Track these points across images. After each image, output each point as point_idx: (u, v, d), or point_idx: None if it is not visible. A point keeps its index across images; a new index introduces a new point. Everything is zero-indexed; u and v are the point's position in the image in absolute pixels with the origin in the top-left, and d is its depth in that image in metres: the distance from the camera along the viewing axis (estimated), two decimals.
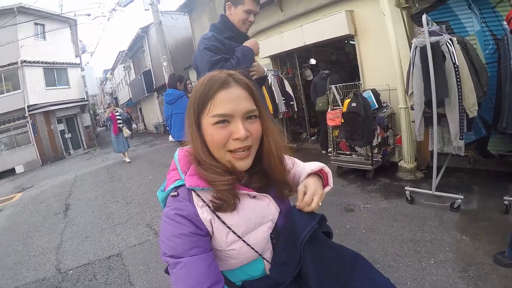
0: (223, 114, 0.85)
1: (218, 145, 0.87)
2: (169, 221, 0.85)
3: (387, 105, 4.82)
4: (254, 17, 2.30)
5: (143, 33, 19.40)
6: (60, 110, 18.12)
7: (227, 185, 0.86)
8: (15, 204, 8.56)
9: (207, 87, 0.88)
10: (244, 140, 0.86)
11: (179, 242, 0.82)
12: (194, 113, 0.90)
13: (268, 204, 0.97)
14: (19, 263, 4.40)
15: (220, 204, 0.86)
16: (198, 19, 11.44)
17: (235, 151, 0.87)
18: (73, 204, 6.95)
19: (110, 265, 3.71)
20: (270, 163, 0.97)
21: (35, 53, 16.83)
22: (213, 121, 0.86)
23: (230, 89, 0.88)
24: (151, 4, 10.76)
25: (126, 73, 27.15)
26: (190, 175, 0.90)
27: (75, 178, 10.17)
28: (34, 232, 5.61)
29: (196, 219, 0.85)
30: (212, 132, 0.87)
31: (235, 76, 0.92)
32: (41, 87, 17.30)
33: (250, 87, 0.93)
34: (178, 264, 0.81)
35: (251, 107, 0.89)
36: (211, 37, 2.17)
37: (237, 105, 0.86)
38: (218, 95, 0.87)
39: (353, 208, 3.86)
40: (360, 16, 5.26)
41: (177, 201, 0.88)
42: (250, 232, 0.92)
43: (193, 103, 0.90)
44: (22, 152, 16.73)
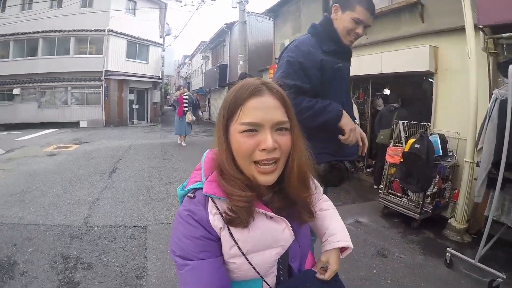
0: (252, 123, 0.83)
1: (244, 154, 0.85)
2: (181, 221, 0.86)
3: (452, 154, 4.56)
4: (364, 30, 1.90)
5: (227, 28, 20.45)
6: (134, 81, 20.05)
7: (244, 202, 0.84)
8: (69, 153, 9.34)
9: (238, 93, 0.87)
10: (271, 152, 0.83)
11: (189, 244, 0.83)
12: (223, 118, 0.89)
13: (283, 228, 0.93)
14: (53, 205, 4.72)
15: (233, 217, 0.84)
16: (282, 26, 11.80)
17: (261, 163, 0.85)
18: (120, 168, 7.34)
19: (133, 234, 3.78)
20: (290, 181, 0.92)
21: (123, 25, 19.04)
22: (241, 129, 0.84)
23: (261, 97, 0.86)
24: (239, 3, 11.39)
25: (203, 63, 28.72)
26: (210, 181, 0.89)
27: (130, 146, 10.79)
28: (76, 183, 6.00)
29: (207, 225, 0.85)
30: (239, 140, 0.85)
31: (269, 85, 0.90)
32: (121, 57, 19.39)
33: (283, 97, 0.90)
34: (185, 266, 0.82)
35: (282, 118, 0.87)
36: (305, 49, 1.81)
37: (267, 114, 0.84)
38: (249, 102, 0.85)
39: (386, 254, 3.54)
40: (444, 54, 5.06)
41: (192, 203, 0.87)
42: (256, 252, 0.89)
43: (224, 108, 0.90)
44: (90, 110, 18.84)
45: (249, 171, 0.86)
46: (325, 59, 1.81)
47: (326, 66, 1.81)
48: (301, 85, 1.73)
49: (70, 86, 18.59)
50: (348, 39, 1.89)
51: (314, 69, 1.78)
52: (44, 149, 9.90)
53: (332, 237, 1.10)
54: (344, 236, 1.11)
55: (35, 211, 4.46)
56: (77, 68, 18.13)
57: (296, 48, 1.81)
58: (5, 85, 17.92)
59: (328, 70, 1.81)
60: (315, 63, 1.78)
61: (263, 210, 0.89)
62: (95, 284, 2.73)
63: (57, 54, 18.39)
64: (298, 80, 1.72)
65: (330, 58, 1.84)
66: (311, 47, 1.82)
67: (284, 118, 0.87)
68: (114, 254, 3.25)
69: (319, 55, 1.81)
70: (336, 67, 1.85)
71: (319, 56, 1.80)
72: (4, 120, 17.53)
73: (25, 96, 18.32)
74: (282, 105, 0.88)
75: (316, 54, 1.80)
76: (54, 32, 17.93)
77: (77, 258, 3.17)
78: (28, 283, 2.71)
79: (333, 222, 1.16)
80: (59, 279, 2.79)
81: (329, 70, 1.82)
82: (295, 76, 1.73)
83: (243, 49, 11.43)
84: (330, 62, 1.83)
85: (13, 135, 13.65)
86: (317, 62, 1.78)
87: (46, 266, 3.00)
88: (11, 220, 4.10)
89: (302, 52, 1.78)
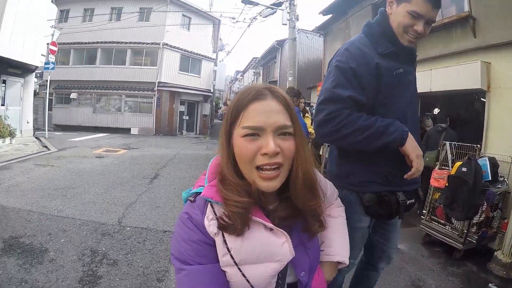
0: (254, 127, 0.84)
1: (245, 158, 0.86)
2: (181, 224, 0.88)
3: (504, 180, 4.28)
4: (426, 27, 1.54)
5: (278, 45, 21.25)
6: (185, 93, 21.41)
7: (239, 207, 0.84)
8: (116, 157, 9.94)
9: (241, 97, 0.89)
10: (273, 156, 0.84)
11: (187, 247, 0.84)
12: (226, 123, 0.91)
13: (282, 243, 0.90)
14: (92, 202, 5.05)
15: (227, 224, 0.84)
16: (332, 43, 11.97)
17: (263, 168, 0.85)
18: (162, 175, 7.64)
19: (162, 238, 3.89)
20: (295, 188, 0.91)
21: (177, 39, 20.75)
22: (243, 133, 0.85)
23: (264, 101, 0.87)
24: (289, 20, 11.66)
25: (254, 78, 29.62)
26: (211, 186, 0.91)
27: (176, 155, 11.22)
28: (118, 185, 6.35)
29: (203, 229, 0.86)
30: (240, 145, 0.86)
31: (272, 89, 0.91)
32: (174, 70, 20.91)
33: (287, 101, 0.91)
34: (182, 271, 0.83)
35: (285, 123, 0.87)
36: (356, 52, 1.54)
37: (269, 118, 0.85)
38: (251, 106, 0.87)
39: (422, 285, 3.29)
40: (497, 71, 4.87)
41: (191, 207, 0.89)
42: (249, 264, 0.88)
43: (227, 113, 0.92)
44: (141, 118, 20.34)
45: (251, 177, 0.87)
46: (382, 63, 1.53)
47: (384, 72, 1.53)
48: (357, 97, 1.46)
49: (124, 95, 20.24)
50: (406, 39, 1.56)
51: (369, 75, 1.50)
52: (93, 151, 10.67)
53: (329, 249, 1.13)
54: (341, 251, 1.15)
55: (75, 206, 4.81)
56: (132, 78, 19.88)
57: (346, 51, 1.55)
58: (64, 89, 20.05)
59: (386, 77, 1.53)
60: (369, 68, 1.50)
61: (261, 220, 0.88)
62: (116, 280, 2.85)
63: (114, 63, 20.33)
64: (352, 91, 1.46)
65: (388, 62, 1.55)
66: (364, 49, 1.55)
67: (287, 122, 0.87)
68: (140, 255, 3.37)
69: (374, 58, 1.53)
70: (396, 73, 1.56)
71: (374, 59, 1.52)
72: (60, 121, 19.58)
73: (82, 101, 20.29)
74: (285, 109, 0.89)
75: (370, 57, 1.52)
76: (112, 43, 19.97)
77: (104, 253, 3.34)
78: (54, 270, 2.92)
79: (335, 233, 1.18)
80: (83, 270, 2.96)
81: (387, 77, 1.54)
82: (348, 86, 1.46)
83: (293, 66, 11.62)
84: (389, 67, 1.54)
85: (67, 136, 14.89)
86: (371, 67, 1.50)
87: (74, 257, 3.20)
88: (51, 212, 4.45)
89: (354, 56, 1.51)
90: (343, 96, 1.44)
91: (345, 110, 1.44)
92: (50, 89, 16.00)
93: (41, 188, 5.69)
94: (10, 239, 3.52)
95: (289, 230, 0.92)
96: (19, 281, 2.72)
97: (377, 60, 1.52)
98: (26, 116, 12.80)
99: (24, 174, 6.72)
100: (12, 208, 4.50)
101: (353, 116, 1.44)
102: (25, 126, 12.68)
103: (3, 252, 3.22)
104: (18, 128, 11.86)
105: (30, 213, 4.35)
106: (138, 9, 20.17)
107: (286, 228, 0.91)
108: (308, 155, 0.93)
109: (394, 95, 1.58)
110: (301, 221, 0.96)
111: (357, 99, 1.46)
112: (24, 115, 12.65)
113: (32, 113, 13.41)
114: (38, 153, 9.56)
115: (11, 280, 2.73)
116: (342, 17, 11.02)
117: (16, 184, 5.86)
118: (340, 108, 1.44)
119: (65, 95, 20.13)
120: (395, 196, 1.58)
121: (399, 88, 1.59)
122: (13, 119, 11.28)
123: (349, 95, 1.44)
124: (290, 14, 11.58)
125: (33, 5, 11.15)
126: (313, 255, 0.99)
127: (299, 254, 0.94)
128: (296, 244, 0.92)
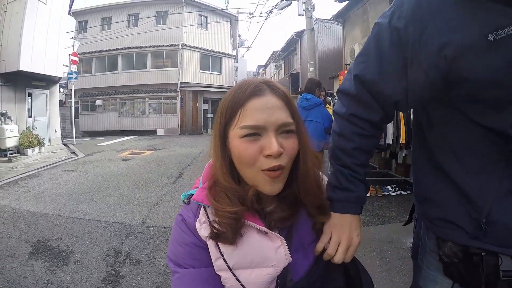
0: (254, 126, 0.76)
1: (247, 162, 0.79)
2: (175, 226, 0.86)
3: None
4: None
5: (297, 37, 20.96)
6: (208, 92, 21.70)
7: (230, 218, 0.79)
8: (142, 158, 10.15)
9: (237, 93, 0.81)
10: (278, 158, 0.77)
11: (180, 250, 0.83)
12: (220, 123, 0.83)
13: (276, 248, 0.84)
14: (117, 204, 5.16)
15: (219, 233, 0.79)
16: (351, 30, 11.75)
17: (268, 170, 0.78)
18: (186, 174, 7.73)
19: None
20: (307, 189, 0.86)
21: (196, 39, 21.12)
22: (242, 133, 0.77)
23: (263, 97, 0.79)
24: (305, 10, 11.44)
25: (276, 72, 29.47)
26: (203, 188, 0.86)
27: (200, 153, 11.32)
28: (143, 185, 6.47)
29: (196, 232, 0.83)
30: (239, 146, 0.78)
31: (270, 83, 0.83)
32: (195, 69, 21.29)
33: (287, 97, 0.83)
34: (176, 273, 0.82)
35: (286, 120, 0.79)
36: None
37: (270, 116, 0.77)
38: (249, 103, 0.78)
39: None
40: None
41: (185, 209, 0.87)
42: (242, 268, 0.83)
43: (221, 111, 0.83)
44: (166, 119, 20.87)
45: (255, 181, 0.81)
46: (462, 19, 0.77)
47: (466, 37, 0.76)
48: (369, 77, 0.91)
49: (148, 97, 20.80)
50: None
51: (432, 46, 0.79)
52: (120, 154, 10.95)
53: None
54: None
55: (100, 208, 4.93)
56: (154, 80, 20.43)
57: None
58: (88, 97, 20.84)
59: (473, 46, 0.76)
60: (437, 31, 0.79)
61: (254, 224, 0.82)
62: (138, 280, 2.88)
63: (135, 68, 20.97)
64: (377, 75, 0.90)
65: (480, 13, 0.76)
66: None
67: (288, 119, 0.81)
68: (163, 254, 3.40)
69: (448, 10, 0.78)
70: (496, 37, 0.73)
71: (447, 13, 0.78)
72: (88, 128, 20.43)
73: (107, 107, 21.03)
74: (286, 105, 0.82)
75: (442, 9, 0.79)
76: (132, 48, 20.59)
77: (127, 253, 3.40)
78: (78, 271, 2.99)
79: None
80: (106, 270, 3.02)
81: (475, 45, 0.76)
82: (374, 64, 0.90)
83: (312, 57, 11.43)
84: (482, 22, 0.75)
85: (94, 141, 15.38)
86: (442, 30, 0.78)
87: (98, 258, 3.27)
88: (78, 215, 4.58)
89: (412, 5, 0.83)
90: (365, 79, 0.97)
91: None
92: (76, 97, 16.67)
93: (68, 193, 5.87)
94: (38, 243, 3.64)
95: (288, 233, 0.87)
96: (45, 282, 2.81)
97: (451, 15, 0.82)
98: (54, 125, 13.34)
99: (53, 180, 6.97)
100: (41, 213, 4.67)
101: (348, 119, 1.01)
102: (53, 135, 13.22)
103: (31, 255, 3.33)
104: (47, 137, 12.39)
105: (57, 218, 4.49)
106: (154, 13, 20.70)
107: (285, 230, 0.87)
108: (312, 151, 0.88)
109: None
110: (306, 221, 0.91)
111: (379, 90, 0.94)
112: (52, 125, 13.19)
113: (59, 122, 13.98)
114: (66, 160, 9.92)
115: (37, 281, 2.82)
116: (359, 2, 10.76)
117: (45, 190, 6.08)
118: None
119: (90, 102, 20.89)
120: (494, 258, 0.85)
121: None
122: (41, 129, 11.77)
123: (373, 78, 0.95)
124: (306, 4, 11.39)
125: (51, 19, 11.60)
126: (316, 260, 0.92)
127: (298, 259, 0.88)
128: (296, 248, 0.87)
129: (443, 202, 0.93)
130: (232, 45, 25.04)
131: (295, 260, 0.85)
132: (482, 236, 0.86)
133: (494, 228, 0.84)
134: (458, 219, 0.89)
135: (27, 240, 3.73)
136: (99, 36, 20.52)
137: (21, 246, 3.59)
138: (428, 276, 1.01)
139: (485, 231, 0.85)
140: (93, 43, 20.15)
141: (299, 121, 0.84)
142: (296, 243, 0.87)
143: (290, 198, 0.86)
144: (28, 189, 6.18)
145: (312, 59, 11.40)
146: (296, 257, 0.85)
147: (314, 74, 11.02)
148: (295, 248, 0.86)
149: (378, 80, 0.89)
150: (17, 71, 10.18)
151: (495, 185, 0.83)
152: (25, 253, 3.39)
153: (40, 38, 10.86)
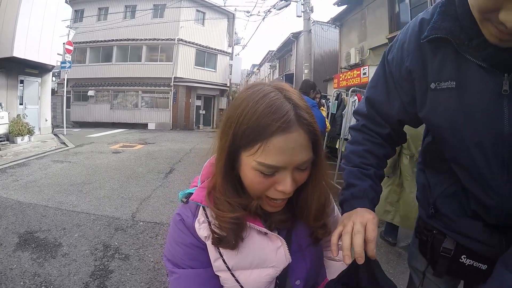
0: (274, 166, 0.70)
1: (255, 192, 0.77)
2: (173, 226, 0.85)
3: None
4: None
5: (294, 38, 21.27)
6: (201, 88, 21.72)
7: (231, 223, 0.77)
8: (133, 152, 10.07)
9: (261, 120, 0.68)
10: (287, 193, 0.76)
11: (178, 250, 0.82)
12: (232, 141, 0.74)
13: (276, 248, 0.84)
14: (107, 197, 5.11)
15: (220, 237, 0.78)
16: (347, 34, 12.02)
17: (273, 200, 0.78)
18: (177, 170, 7.68)
19: None
20: (305, 211, 0.85)
21: (192, 35, 21.08)
22: (258, 168, 0.71)
23: (290, 135, 0.69)
24: (304, 12, 11.53)
25: (270, 72, 29.63)
26: (202, 188, 0.84)
27: (191, 149, 11.27)
28: (133, 179, 6.41)
29: (195, 232, 0.82)
30: (253, 179, 0.74)
31: (300, 113, 0.71)
32: (190, 65, 21.24)
33: (314, 129, 0.73)
34: (174, 274, 0.81)
35: (307, 158, 0.73)
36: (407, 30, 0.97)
37: (292, 157, 0.70)
38: (274, 140, 0.68)
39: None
40: None
41: (184, 209, 0.86)
42: (241, 269, 0.83)
43: (236, 129, 0.72)
44: (158, 113, 20.81)
45: (259, 199, 0.79)
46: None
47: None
48: (375, 99, 1.07)
49: (141, 91, 20.69)
50: (488, 32, 0.72)
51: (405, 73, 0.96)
52: (110, 147, 10.86)
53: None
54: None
55: (90, 201, 4.87)
56: (148, 74, 20.28)
57: (404, 29, 0.99)
58: (81, 87, 20.64)
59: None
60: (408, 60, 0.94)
61: (254, 225, 0.82)
62: (127, 275, 2.86)
63: (130, 60, 20.77)
64: (377, 94, 1.07)
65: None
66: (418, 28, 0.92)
67: (308, 156, 0.74)
68: (152, 250, 3.38)
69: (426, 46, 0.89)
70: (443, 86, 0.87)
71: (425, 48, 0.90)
72: (79, 118, 20.25)
73: (99, 98, 20.88)
74: (310, 140, 0.73)
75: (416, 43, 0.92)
76: (127, 40, 20.43)
77: (116, 248, 3.36)
78: (66, 264, 2.95)
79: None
80: (95, 265, 2.98)
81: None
82: (376, 85, 1.08)
83: (308, 58, 11.56)
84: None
85: (85, 132, 15.23)
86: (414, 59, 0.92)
87: (86, 251, 3.24)
88: (66, 207, 4.53)
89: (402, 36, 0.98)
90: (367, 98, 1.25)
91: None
92: (68, 87, 16.46)
93: (57, 184, 5.80)
94: (25, 234, 3.59)
95: (287, 234, 0.87)
96: (32, 275, 2.76)
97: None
98: (44, 114, 13.16)
99: (42, 170, 6.88)
100: (29, 203, 4.60)
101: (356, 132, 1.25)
102: (44, 124, 13.04)
103: (18, 246, 3.29)
104: (37, 126, 12.23)
105: (46, 209, 4.43)
106: (152, 6, 20.53)
107: (284, 231, 0.86)
108: (326, 181, 0.85)
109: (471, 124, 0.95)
110: (303, 226, 0.89)
111: (377, 104, 1.17)
112: (42, 113, 13.01)
113: (50, 111, 13.77)
114: (56, 150, 9.79)
115: (24, 273, 2.77)
116: (357, 7, 10.90)
117: (33, 180, 5.99)
118: None
119: (82, 92, 20.68)
120: (442, 238, 1.06)
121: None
122: (31, 117, 11.56)
123: (368, 96, 1.22)
124: (305, 6, 11.47)
125: (47, 7, 11.43)
126: (312, 264, 0.91)
127: (297, 261, 0.87)
128: (294, 250, 0.86)
129: (418, 186, 1.19)
130: (228, 42, 25.06)
131: (293, 261, 0.85)
132: (433, 218, 1.08)
133: (438, 214, 1.06)
134: (422, 200, 1.15)
135: (14, 231, 3.68)
136: (95, 26, 20.31)
137: (8, 236, 3.53)
138: (412, 254, 1.22)
139: (433, 214, 1.07)
140: (89, 33, 20.00)
141: (319, 154, 0.79)
142: (295, 245, 0.87)
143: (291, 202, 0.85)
144: (16, 178, 6.09)
145: (308, 61, 11.49)
146: (294, 259, 0.85)
147: (309, 76, 11.09)
148: (293, 249, 0.86)
149: (382, 102, 1.05)
150: (10, 57, 10.00)
151: (443, 186, 1.04)
152: (12, 244, 3.34)
153: (36, 24, 10.68)
